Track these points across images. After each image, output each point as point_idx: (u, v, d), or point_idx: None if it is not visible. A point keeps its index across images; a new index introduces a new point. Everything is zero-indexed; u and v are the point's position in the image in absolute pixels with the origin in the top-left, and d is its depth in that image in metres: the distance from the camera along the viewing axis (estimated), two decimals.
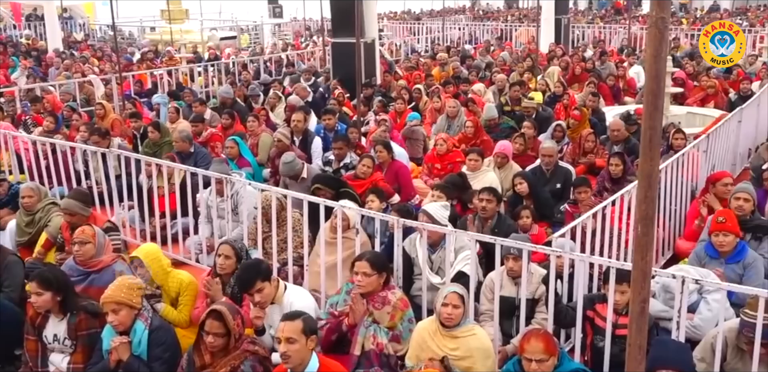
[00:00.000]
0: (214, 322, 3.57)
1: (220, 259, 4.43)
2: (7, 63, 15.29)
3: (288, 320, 3.36)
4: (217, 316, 3.57)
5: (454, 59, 14.38)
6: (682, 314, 3.51)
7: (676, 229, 6.06)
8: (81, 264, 4.60)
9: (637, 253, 2.24)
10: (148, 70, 13.28)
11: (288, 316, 3.43)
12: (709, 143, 6.65)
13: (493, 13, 30.75)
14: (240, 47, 20.78)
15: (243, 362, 3.60)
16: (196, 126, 8.34)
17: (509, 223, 5.42)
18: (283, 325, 3.35)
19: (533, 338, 3.32)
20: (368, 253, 4.19)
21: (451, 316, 3.71)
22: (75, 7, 24.11)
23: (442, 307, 3.73)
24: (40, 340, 4.10)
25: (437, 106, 9.69)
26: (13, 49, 17.37)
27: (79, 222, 5.01)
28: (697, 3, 33.80)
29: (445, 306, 3.72)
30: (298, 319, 3.36)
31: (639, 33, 18.47)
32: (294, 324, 3.32)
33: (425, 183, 7.13)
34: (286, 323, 3.34)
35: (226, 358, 3.60)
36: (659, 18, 2.03)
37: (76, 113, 9.40)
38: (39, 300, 3.96)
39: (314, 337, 3.39)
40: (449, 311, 3.71)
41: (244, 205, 5.38)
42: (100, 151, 6.49)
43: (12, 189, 6.30)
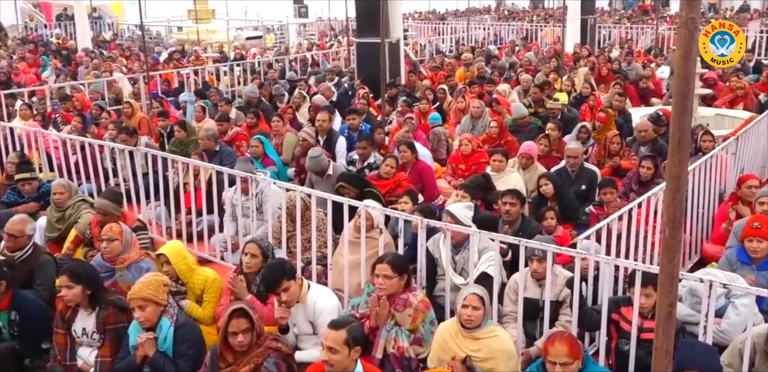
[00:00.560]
0: (240, 319, 3.56)
1: (246, 258, 4.47)
2: (38, 62, 15.55)
3: (332, 329, 3.31)
4: (242, 313, 3.58)
5: (479, 59, 14.33)
6: (710, 319, 3.47)
7: (704, 232, 5.98)
8: (108, 260, 4.68)
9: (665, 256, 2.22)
10: (175, 70, 13.43)
11: (333, 324, 3.37)
12: (738, 146, 6.55)
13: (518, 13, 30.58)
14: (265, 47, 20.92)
15: (266, 359, 3.61)
16: (222, 125, 8.42)
17: (534, 225, 5.39)
18: (327, 332, 3.31)
19: (558, 341, 3.30)
20: (389, 255, 4.18)
21: (471, 318, 3.71)
22: (104, 7, 24.47)
23: (462, 309, 3.73)
24: (69, 333, 4.18)
25: (461, 106, 9.66)
26: (43, 49, 17.67)
27: (110, 221, 5.10)
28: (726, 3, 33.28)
29: (465, 307, 3.72)
30: (342, 328, 3.29)
31: (666, 33, 18.23)
32: (337, 334, 3.27)
33: (449, 183, 7.12)
34: (330, 332, 3.30)
35: (249, 356, 3.61)
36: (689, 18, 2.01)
37: (105, 112, 9.55)
38: (69, 293, 4.04)
39: (358, 348, 3.33)
40: (469, 313, 3.70)
41: (268, 204, 5.42)
42: (127, 149, 6.59)
43: (43, 187, 6.41)
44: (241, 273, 4.52)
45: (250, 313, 3.58)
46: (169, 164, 6.27)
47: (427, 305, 4.08)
